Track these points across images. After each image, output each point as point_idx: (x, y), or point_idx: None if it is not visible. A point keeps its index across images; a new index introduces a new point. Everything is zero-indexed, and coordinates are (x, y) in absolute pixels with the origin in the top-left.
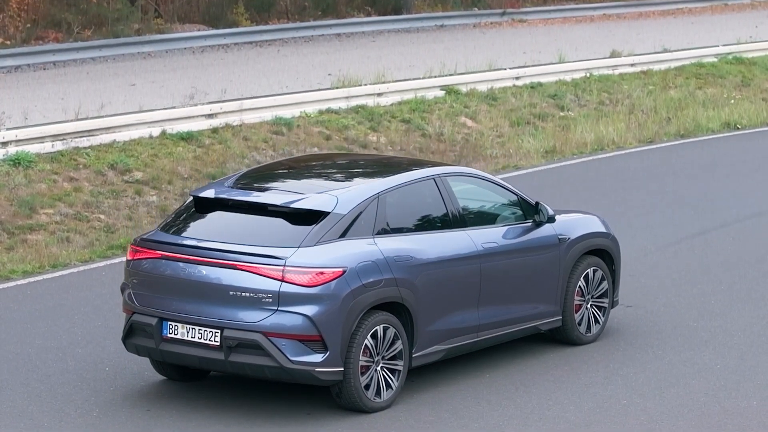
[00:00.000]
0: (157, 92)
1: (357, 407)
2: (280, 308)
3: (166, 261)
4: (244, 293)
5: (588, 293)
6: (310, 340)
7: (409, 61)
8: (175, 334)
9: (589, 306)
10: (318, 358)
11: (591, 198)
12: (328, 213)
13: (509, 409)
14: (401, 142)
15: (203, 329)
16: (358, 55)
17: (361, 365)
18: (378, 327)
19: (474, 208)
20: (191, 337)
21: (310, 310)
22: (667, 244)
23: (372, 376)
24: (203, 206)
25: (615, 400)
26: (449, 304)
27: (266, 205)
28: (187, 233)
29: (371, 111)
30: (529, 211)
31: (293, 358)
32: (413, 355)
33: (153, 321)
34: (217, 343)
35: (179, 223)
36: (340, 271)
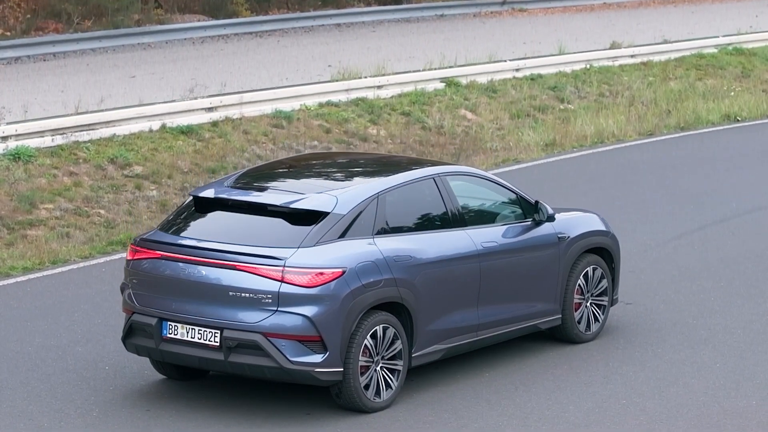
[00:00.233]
0: (156, 84)
1: (357, 407)
2: (279, 309)
3: (165, 261)
4: (243, 294)
5: (587, 291)
6: (310, 341)
7: (409, 52)
8: (174, 335)
9: (588, 304)
10: (317, 358)
11: (591, 192)
12: (328, 213)
13: (509, 409)
14: (401, 135)
15: (203, 329)
16: (358, 46)
17: (361, 365)
18: (377, 327)
19: (473, 208)
20: (191, 338)
21: (309, 310)
22: (667, 240)
23: (371, 376)
24: (203, 206)
25: (614, 400)
26: (449, 304)
27: (266, 205)
28: (187, 233)
29: (371, 104)
30: (529, 210)
31: (293, 358)
32: (413, 355)
33: (153, 321)
34: (217, 344)
35: (179, 223)
36: (340, 271)
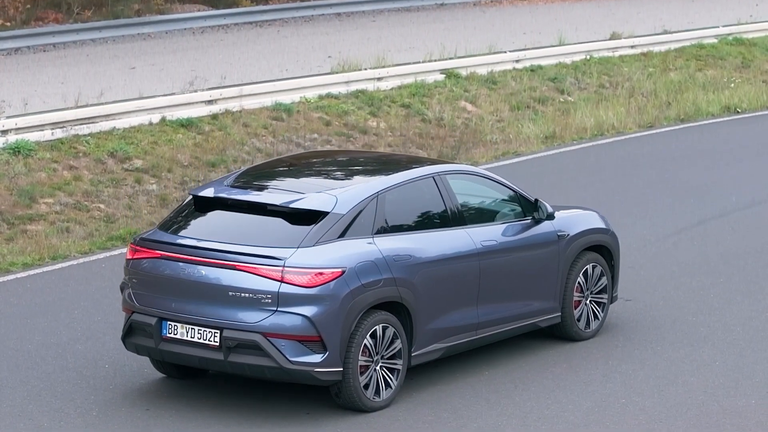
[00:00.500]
0: (156, 76)
1: (356, 407)
2: (279, 309)
3: (165, 261)
4: (243, 294)
5: (587, 289)
6: (310, 341)
7: (409, 42)
8: (174, 334)
9: (588, 302)
10: (317, 358)
11: (590, 186)
12: (327, 213)
13: (508, 408)
14: (401, 127)
15: (203, 329)
16: (358, 36)
17: (361, 365)
18: (377, 326)
19: (473, 206)
20: (191, 337)
21: (309, 310)
22: (667, 235)
23: (371, 376)
24: (202, 205)
25: (614, 399)
26: (448, 303)
27: (265, 205)
28: (187, 233)
29: (371, 96)
30: (529, 208)
31: (292, 358)
32: (412, 354)
33: (152, 321)
34: (217, 344)
35: (178, 222)
36: (339, 271)
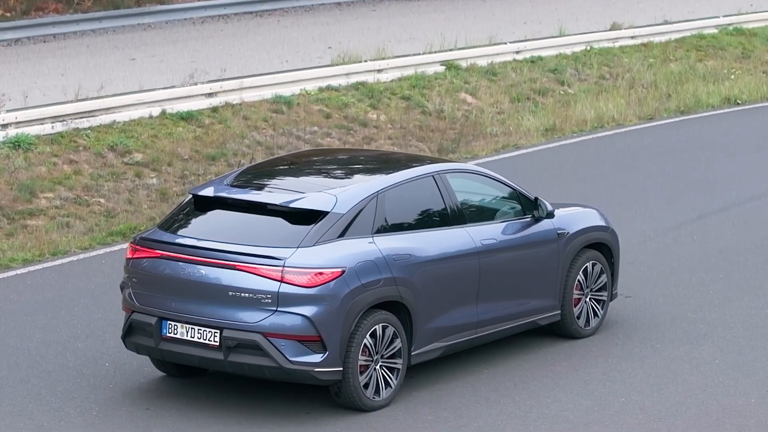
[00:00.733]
0: (156, 67)
1: (356, 406)
2: (279, 309)
3: (165, 260)
4: (243, 293)
5: (587, 287)
6: (309, 341)
7: (410, 32)
8: (174, 334)
9: (588, 300)
10: (317, 358)
11: (590, 179)
12: (327, 213)
13: (508, 407)
14: (401, 120)
15: (202, 329)
16: (358, 26)
17: (360, 364)
18: (377, 326)
19: (473, 205)
20: (191, 337)
21: (309, 310)
22: (667, 230)
23: (371, 375)
24: (202, 204)
25: (613, 398)
26: (448, 302)
27: (265, 205)
28: (187, 232)
29: (371, 88)
30: (528, 207)
31: (292, 358)
32: (412, 353)
33: (152, 320)
34: (217, 343)
35: (178, 222)
36: (339, 271)
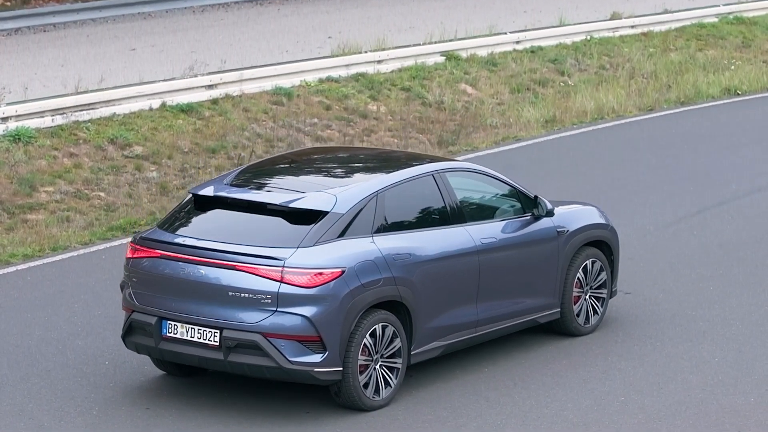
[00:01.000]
0: (156, 58)
1: (356, 406)
2: (279, 309)
3: (165, 260)
4: (243, 294)
5: (587, 284)
6: (309, 341)
7: (410, 21)
8: (174, 334)
9: (587, 297)
10: (317, 358)
11: (590, 173)
12: (327, 212)
13: (507, 407)
14: (401, 111)
15: (202, 329)
16: (358, 15)
17: (360, 364)
18: (377, 326)
19: (473, 204)
20: (190, 337)
21: (309, 311)
22: (667, 224)
23: (371, 375)
24: (202, 204)
25: (613, 397)
26: (448, 301)
27: (265, 204)
28: (186, 232)
29: (371, 79)
30: (528, 205)
31: (292, 358)
32: (412, 353)
33: (152, 320)
34: (217, 343)
35: (178, 221)
36: (339, 271)
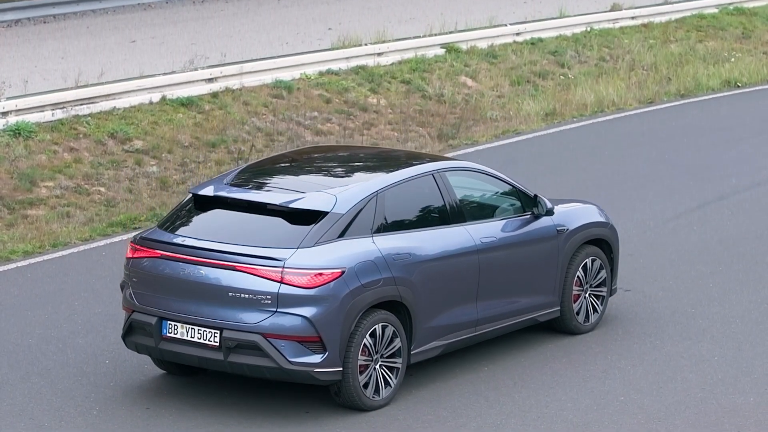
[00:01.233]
0: (156, 50)
1: (356, 406)
2: (279, 309)
3: (165, 260)
4: (243, 294)
5: (586, 283)
6: (309, 341)
7: (410, 12)
8: (174, 334)
9: (587, 295)
10: (317, 358)
11: (590, 166)
12: (327, 213)
13: (507, 407)
14: (401, 104)
15: (202, 329)
16: (358, 6)
17: (360, 364)
18: (377, 326)
19: (472, 203)
20: (190, 337)
21: (308, 311)
22: (666, 219)
23: (371, 375)
24: (202, 204)
25: (613, 396)
26: (448, 300)
27: (265, 204)
28: (186, 232)
29: (371, 71)
30: (528, 204)
31: (292, 359)
32: (412, 352)
33: (152, 320)
34: (217, 344)
35: (178, 221)
36: (339, 271)
